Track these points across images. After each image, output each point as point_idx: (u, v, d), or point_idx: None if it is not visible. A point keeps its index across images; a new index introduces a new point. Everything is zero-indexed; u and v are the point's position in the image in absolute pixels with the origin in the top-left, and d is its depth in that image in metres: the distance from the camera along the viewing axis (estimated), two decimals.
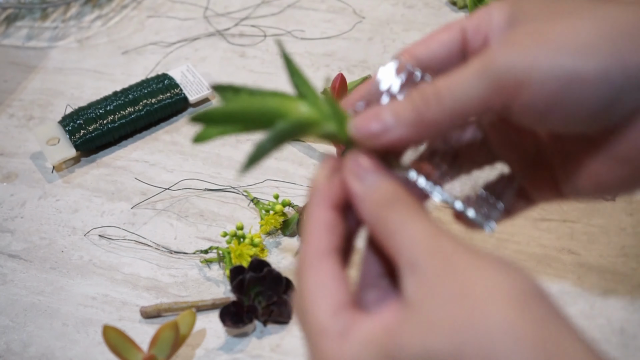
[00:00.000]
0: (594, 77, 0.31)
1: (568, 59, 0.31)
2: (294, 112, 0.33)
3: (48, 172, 0.64)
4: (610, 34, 0.31)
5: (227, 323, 0.49)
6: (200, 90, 0.67)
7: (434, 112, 0.32)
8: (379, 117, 0.33)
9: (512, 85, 0.31)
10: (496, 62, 0.32)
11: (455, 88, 0.32)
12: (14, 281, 0.55)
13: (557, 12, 0.33)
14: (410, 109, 0.32)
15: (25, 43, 0.77)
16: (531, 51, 0.31)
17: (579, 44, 0.31)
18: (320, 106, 0.33)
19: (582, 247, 0.51)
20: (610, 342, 0.46)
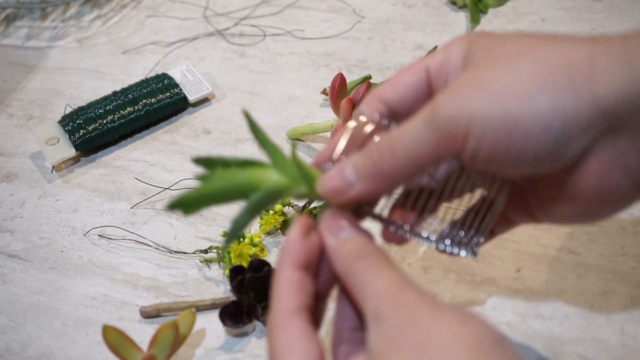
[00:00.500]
0: (532, 124, 0.31)
1: (505, 107, 0.31)
2: (265, 182, 0.34)
3: (47, 172, 0.64)
4: (547, 79, 0.31)
5: (227, 323, 0.49)
6: (200, 90, 0.67)
7: (388, 164, 0.33)
8: (341, 174, 0.34)
9: (456, 136, 0.32)
10: (440, 113, 0.32)
11: (406, 140, 0.33)
12: (13, 281, 0.55)
13: (502, 56, 0.33)
14: (367, 163, 0.34)
15: (25, 43, 0.77)
16: (471, 101, 0.32)
17: (516, 92, 0.31)
18: (290, 171, 0.35)
19: (582, 247, 0.51)
20: (610, 342, 0.46)
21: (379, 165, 0.34)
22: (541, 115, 0.31)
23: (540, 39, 0.33)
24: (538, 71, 0.32)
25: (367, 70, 0.68)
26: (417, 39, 0.71)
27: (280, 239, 0.55)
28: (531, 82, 0.31)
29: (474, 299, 0.49)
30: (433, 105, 0.33)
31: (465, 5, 0.73)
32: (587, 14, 0.70)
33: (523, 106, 0.31)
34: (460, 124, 0.32)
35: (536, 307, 0.48)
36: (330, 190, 0.35)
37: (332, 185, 0.34)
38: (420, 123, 0.33)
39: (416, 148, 0.33)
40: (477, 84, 0.32)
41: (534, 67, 0.32)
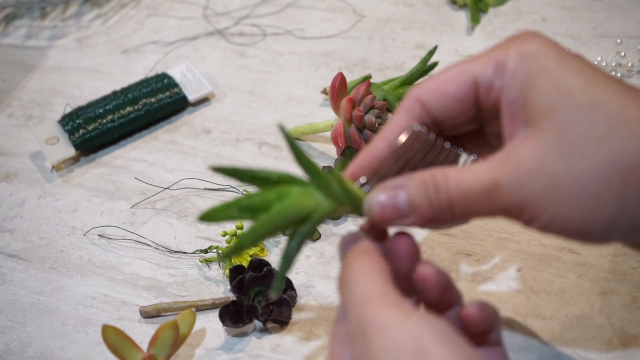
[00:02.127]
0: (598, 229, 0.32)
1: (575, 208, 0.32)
2: (315, 212, 0.34)
3: (47, 171, 0.63)
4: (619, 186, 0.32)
5: (227, 323, 0.49)
6: (200, 90, 0.67)
7: (447, 217, 0.34)
8: (394, 202, 0.35)
9: (520, 217, 0.33)
10: (506, 195, 0.33)
11: (467, 202, 0.34)
12: (13, 281, 0.55)
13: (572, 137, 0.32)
14: (425, 206, 0.34)
15: (24, 42, 0.77)
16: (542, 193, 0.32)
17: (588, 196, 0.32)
18: (335, 194, 0.34)
19: (582, 247, 0.51)
20: (611, 341, 0.46)
21: (437, 213, 0.34)
22: (608, 224, 0.32)
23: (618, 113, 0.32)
24: (610, 173, 0.32)
25: (367, 69, 0.68)
26: (418, 38, 0.71)
27: (281, 238, 0.55)
28: (602, 185, 0.32)
29: (474, 298, 0.49)
30: (496, 180, 0.33)
31: (465, 5, 0.73)
32: (588, 13, 0.70)
33: (591, 211, 0.32)
34: (525, 211, 0.33)
35: (536, 307, 0.48)
36: (382, 218, 0.35)
37: (385, 214, 0.35)
38: (482, 192, 0.33)
39: (476, 212, 0.34)
40: (546, 175, 0.32)
41: (605, 168, 0.32)
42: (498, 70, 0.35)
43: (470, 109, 0.37)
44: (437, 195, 0.34)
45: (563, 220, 0.32)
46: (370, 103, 0.57)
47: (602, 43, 0.67)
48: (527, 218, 0.33)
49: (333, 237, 0.55)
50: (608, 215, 0.32)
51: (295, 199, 0.33)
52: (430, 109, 0.36)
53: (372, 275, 0.33)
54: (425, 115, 0.37)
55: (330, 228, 0.55)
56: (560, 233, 0.33)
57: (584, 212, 0.32)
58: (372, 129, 0.57)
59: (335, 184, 0.34)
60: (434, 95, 0.36)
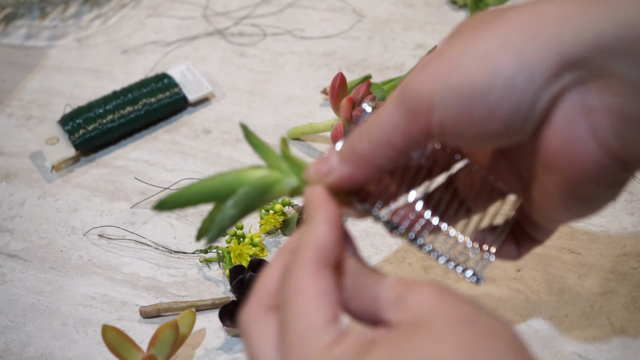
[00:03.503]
0: (492, 83, 0.30)
1: (463, 72, 0.30)
2: (252, 177, 0.34)
3: (47, 171, 0.63)
4: (508, 38, 0.30)
5: (227, 323, 0.49)
6: (200, 90, 0.67)
7: (365, 147, 0.33)
8: (326, 159, 0.34)
9: (420, 109, 0.31)
10: (408, 89, 0.32)
11: (379, 120, 0.33)
12: (13, 281, 0.55)
13: (470, 28, 0.32)
14: (348, 147, 0.34)
15: (24, 42, 0.77)
16: (435, 74, 0.31)
17: (474, 55, 0.30)
18: (279, 164, 0.35)
19: (582, 247, 0.51)
20: (611, 341, 0.46)
21: (358, 148, 0.33)
22: (502, 73, 0.29)
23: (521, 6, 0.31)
24: (499, 34, 0.30)
25: (367, 69, 0.68)
26: (418, 38, 0.71)
27: (281, 238, 0.55)
28: (490, 43, 0.30)
29: (474, 299, 0.49)
30: (402, 84, 0.33)
31: (465, 5, 0.73)
32: None
33: (482, 68, 0.30)
34: (422, 97, 0.31)
35: (536, 307, 0.48)
36: (315, 173, 0.34)
37: (316, 169, 0.34)
38: (390, 102, 0.32)
39: (388, 128, 0.32)
40: (439, 55, 0.31)
41: (495, 30, 0.30)
42: None
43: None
44: (357, 131, 0.34)
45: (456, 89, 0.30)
46: None
47: None
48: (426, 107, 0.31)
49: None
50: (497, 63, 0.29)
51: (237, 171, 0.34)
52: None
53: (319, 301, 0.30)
54: None
55: None
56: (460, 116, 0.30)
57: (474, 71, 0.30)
58: None
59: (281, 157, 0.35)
60: None
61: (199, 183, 0.34)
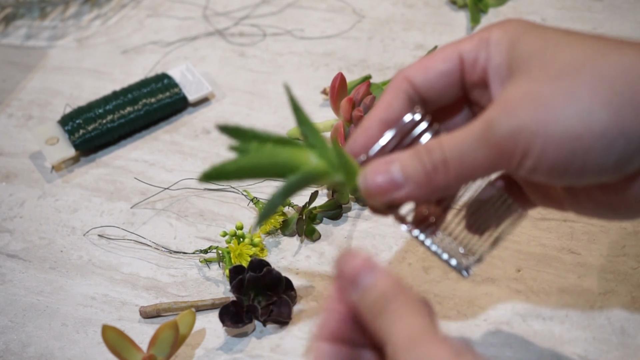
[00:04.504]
0: (594, 144, 0.31)
1: (567, 127, 0.31)
2: (304, 165, 0.33)
3: (47, 171, 0.63)
4: (609, 97, 0.31)
5: (227, 323, 0.49)
6: (200, 90, 0.67)
7: (441, 177, 0.33)
8: (388, 172, 0.34)
9: (514, 154, 0.32)
10: (497, 130, 0.32)
11: (460, 155, 0.33)
12: (12, 281, 0.55)
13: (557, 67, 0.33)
14: (419, 172, 0.34)
15: (24, 42, 0.77)
16: (530, 119, 0.32)
17: (578, 111, 0.31)
18: (330, 157, 0.34)
19: (582, 247, 0.51)
20: (611, 341, 0.46)
21: (431, 176, 0.33)
22: (604, 136, 0.31)
23: (596, 47, 0.33)
24: (599, 88, 0.31)
25: (367, 70, 0.68)
26: (417, 38, 0.71)
27: (280, 238, 0.55)
28: (592, 100, 0.31)
29: (474, 299, 0.49)
30: (488, 121, 0.33)
31: (465, 5, 0.73)
32: (588, 14, 0.70)
33: (585, 126, 0.31)
34: (519, 143, 0.32)
35: (536, 307, 0.48)
36: (375, 188, 0.34)
37: (378, 184, 0.34)
38: (475, 139, 0.33)
39: (470, 164, 0.33)
40: (535, 100, 0.32)
41: (594, 83, 0.32)
42: (482, 45, 0.36)
43: (456, 86, 0.37)
44: (430, 157, 0.33)
45: (556, 142, 0.31)
46: (370, 103, 0.57)
47: None
48: (521, 151, 0.32)
49: (333, 237, 0.55)
50: (602, 126, 0.31)
51: (288, 151, 0.33)
52: (418, 86, 0.37)
53: (417, 311, 0.31)
54: (413, 93, 0.37)
55: (330, 228, 0.55)
56: (556, 165, 0.32)
57: (576, 128, 0.31)
58: None
59: (330, 148, 0.34)
60: (422, 72, 0.37)
61: (249, 158, 0.33)
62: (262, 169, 0.33)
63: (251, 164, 0.33)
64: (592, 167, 0.32)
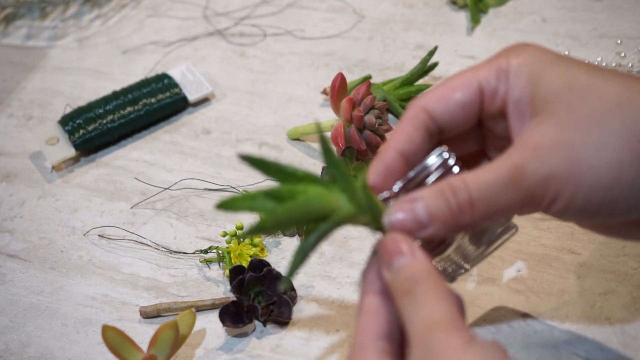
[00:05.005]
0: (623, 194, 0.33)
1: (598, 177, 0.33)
2: (337, 212, 0.34)
3: (47, 171, 0.63)
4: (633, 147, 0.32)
5: (227, 323, 0.49)
6: (200, 90, 0.67)
7: (467, 218, 0.34)
8: (413, 212, 0.34)
9: (544, 198, 0.33)
10: (530, 176, 0.33)
11: (488, 197, 0.33)
12: (13, 281, 0.55)
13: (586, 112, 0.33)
14: (445, 211, 0.34)
15: (24, 42, 0.77)
16: (561, 168, 0.33)
17: (609, 163, 0.32)
18: (358, 200, 0.34)
19: (582, 247, 0.51)
20: (611, 342, 0.46)
21: (457, 216, 0.34)
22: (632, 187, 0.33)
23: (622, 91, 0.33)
24: (627, 137, 0.32)
25: (367, 70, 0.68)
26: (418, 38, 0.71)
27: (281, 239, 0.55)
28: (621, 151, 0.32)
29: (474, 299, 0.49)
30: (518, 166, 0.33)
31: (465, 5, 0.73)
32: (588, 14, 0.70)
33: (615, 177, 0.32)
34: (550, 189, 0.33)
35: (536, 308, 0.48)
36: (400, 228, 0.34)
37: (403, 225, 0.34)
38: (504, 183, 0.33)
39: (498, 206, 0.34)
40: (566, 149, 0.33)
41: (623, 133, 0.33)
42: (501, 76, 0.36)
43: (475, 117, 0.37)
44: (455, 197, 0.34)
45: (586, 191, 0.33)
46: (371, 103, 0.57)
47: (602, 44, 0.67)
48: (551, 197, 0.33)
49: (333, 237, 0.55)
50: (631, 177, 0.32)
51: (319, 195, 0.34)
52: (436, 117, 0.37)
53: (443, 299, 0.32)
54: (431, 124, 0.37)
55: None
56: (583, 210, 0.33)
57: (606, 179, 0.32)
58: (373, 129, 0.57)
59: (360, 189, 0.34)
60: (441, 104, 0.37)
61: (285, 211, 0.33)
62: (297, 219, 0.33)
63: (288, 217, 0.33)
64: (620, 212, 0.33)
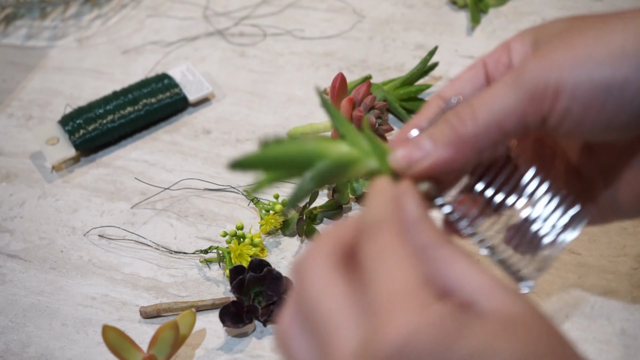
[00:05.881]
0: (630, 83, 0.31)
1: (603, 65, 0.31)
2: (334, 152, 0.32)
3: (47, 172, 0.63)
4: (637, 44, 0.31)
5: (227, 323, 0.49)
6: (200, 90, 0.67)
7: (470, 129, 0.32)
8: (417, 144, 0.33)
9: (547, 93, 0.31)
10: (529, 73, 0.32)
11: (490, 101, 0.32)
12: (13, 281, 0.55)
13: (584, 26, 0.33)
14: (446, 129, 0.32)
15: (24, 42, 0.77)
16: (564, 60, 0.31)
17: (613, 51, 0.31)
18: (360, 143, 0.33)
19: (582, 247, 0.51)
20: (611, 342, 0.46)
21: (460, 130, 0.32)
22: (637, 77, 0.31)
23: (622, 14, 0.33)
24: (630, 33, 0.31)
25: (367, 70, 0.68)
26: (418, 38, 0.71)
27: (281, 239, 0.55)
28: (628, 43, 0.31)
29: None
30: (519, 68, 0.32)
31: (465, 5, 0.73)
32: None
33: (622, 65, 0.31)
34: (550, 81, 0.31)
35: None
36: (404, 159, 0.32)
37: (406, 154, 0.32)
38: (504, 85, 0.32)
39: (501, 110, 0.32)
40: (568, 46, 0.32)
41: (626, 31, 0.31)
42: (503, 49, 0.36)
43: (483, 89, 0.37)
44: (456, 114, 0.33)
45: (589, 81, 0.31)
46: (371, 103, 0.57)
47: None
48: (552, 92, 0.31)
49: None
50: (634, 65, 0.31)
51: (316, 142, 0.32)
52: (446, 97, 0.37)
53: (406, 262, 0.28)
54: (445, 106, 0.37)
55: None
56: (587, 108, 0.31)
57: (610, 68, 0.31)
58: (373, 129, 0.57)
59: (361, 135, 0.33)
60: (451, 87, 0.37)
61: (276, 147, 0.32)
62: (289, 158, 0.32)
63: (277, 153, 0.32)
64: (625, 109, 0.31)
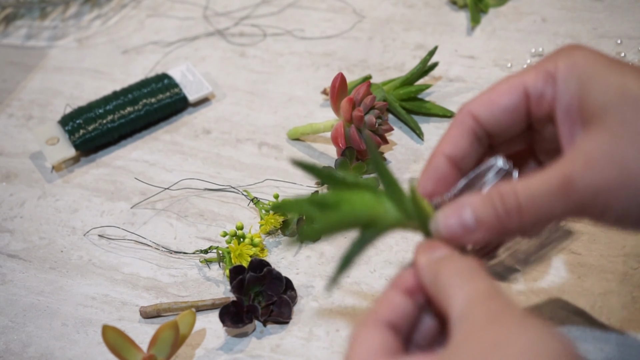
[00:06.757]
0: None
1: None
2: (383, 220, 0.34)
3: (47, 172, 0.63)
4: None
5: (227, 323, 0.49)
6: (200, 90, 0.67)
7: (514, 224, 0.34)
8: (460, 218, 0.34)
9: (593, 210, 0.33)
10: (580, 187, 0.33)
11: (536, 204, 0.33)
12: (13, 281, 0.55)
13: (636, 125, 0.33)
14: (492, 217, 0.34)
15: (24, 42, 0.77)
16: (613, 180, 0.33)
17: None
18: (406, 207, 0.34)
19: (582, 247, 0.51)
20: (611, 342, 0.46)
21: (504, 222, 0.34)
22: None
23: None
24: None
25: (367, 70, 0.68)
26: (418, 38, 0.71)
27: (281, 239, 0.55)
28: None
29: None
30: (568, 176, 0.33)
31: (465, 5, 0.73)
32: (588, 14, 0.70)
33: None
34: (598, 202, 0.33)
35: (536, 308, 0.48)
36: (447, 234, 0.34)
37: (450, 230, 0.34)
38: (553, 191, 0.33)
39: (546, 214, 0.34)
40: (617, 161, 0.33)
41: None
42: (548, 80, 0.36)
43: (522, 121, 0.37)
44: (503, 204, 0.34)
45: (637, 206, 0.33)
46: (371, 103, 0.57)
47: (602, 44, 0.67)
48: (601, 209, 0.33)
49: (333, 237, 0.55)
50: None
51: (365, 203, 0.34)
52: (483, 121, 0.37)
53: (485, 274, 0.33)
54: (478, 129, 0.37)
55: None
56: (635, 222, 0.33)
57: None
58: (373, 129, 0.57)
59: (408, 197, 0.34)
60: (487, 108, 0.37)
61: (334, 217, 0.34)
62: (346, 225, 0.34)
63: (337, 222, 0.34)
64: None
